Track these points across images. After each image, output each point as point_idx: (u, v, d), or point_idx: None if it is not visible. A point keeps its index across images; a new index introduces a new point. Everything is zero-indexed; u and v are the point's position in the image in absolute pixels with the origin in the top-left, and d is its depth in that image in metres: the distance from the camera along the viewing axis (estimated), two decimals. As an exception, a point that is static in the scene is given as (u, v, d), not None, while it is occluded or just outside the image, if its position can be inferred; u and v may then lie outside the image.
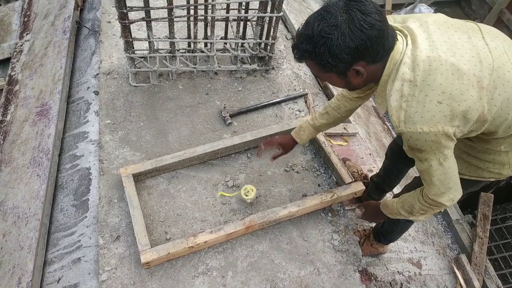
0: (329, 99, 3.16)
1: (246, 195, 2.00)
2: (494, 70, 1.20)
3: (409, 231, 2.68)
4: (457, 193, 1.36)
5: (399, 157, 2.07)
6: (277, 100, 2.50)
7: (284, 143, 1.93)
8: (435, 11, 5.16)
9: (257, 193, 2.02)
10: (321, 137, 2.27)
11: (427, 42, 1.21)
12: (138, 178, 2.04)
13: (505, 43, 1.27)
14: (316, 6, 4.15)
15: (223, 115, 2.33)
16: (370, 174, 2.48)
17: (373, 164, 2.70)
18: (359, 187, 2.11)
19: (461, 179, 1.51)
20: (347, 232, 2.03)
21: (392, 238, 2.14)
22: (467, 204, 3.13)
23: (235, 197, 2.03)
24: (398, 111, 1.21)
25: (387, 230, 2.12)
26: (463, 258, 2.53)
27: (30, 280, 1.82)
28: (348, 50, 1.14)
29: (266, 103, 2.44)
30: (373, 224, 2.26)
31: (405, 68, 1.19)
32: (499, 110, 1.22)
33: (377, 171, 2.33)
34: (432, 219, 2.83)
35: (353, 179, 2.18)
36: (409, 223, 1.99)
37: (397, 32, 1.26)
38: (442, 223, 2.82)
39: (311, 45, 1.18)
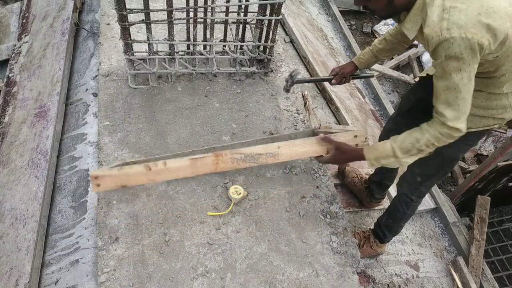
0: (327, 102, 3.18)
1: (233, 194, 2.03)
2: None
3: (407, 234, 2.70)
4: (466, 121, 1.45)
5: None
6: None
7: (345, 68, 2.08)
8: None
9: (244, 195, 2.05)
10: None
11: None
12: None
13: None
14: (314, 10, 4.18)
15: (293, 79, 2.13)
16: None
17: (370, 168, 2.71)
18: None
19: (468, 133, 1.62)
20: (346, 234, 2.04)
21: (398, 228, 2.19)
22: (464, 207, 3.15)
23: (234, 199, 2.03)
24: (440, 22, 1.32)
25: (387, 224, 2.13)
26: (460, 260, 2.55)
27: (28, 282, 1.81)
28: None
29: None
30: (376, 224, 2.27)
31: None
32: None
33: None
34: (430, 222, 2.85)
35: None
36: (416, 205, 2.06)
37: None
38: (439, 226, 2.84)
39: None
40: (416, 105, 1.94)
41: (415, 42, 4.80)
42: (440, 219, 2.85)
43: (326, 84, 3.14)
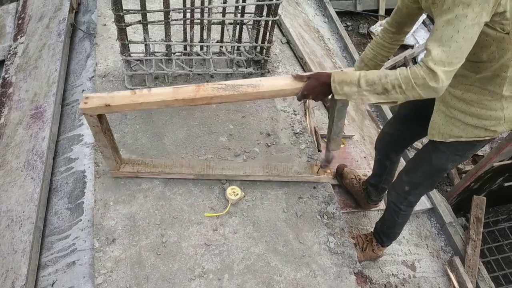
0: (323, 103, 3.18)
1: (230, 195, 2.03)
2: None
3: (403, 234, 2.71)
4: (450, 78, 1.29)
5: (389, 147, 2.09)
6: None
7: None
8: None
9: (241, 196, 2.06)
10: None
11: None
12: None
13: None
14: (310, 11, 4.19)
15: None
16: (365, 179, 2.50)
17: (367, 169, 2.72)
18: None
19: (458, 142, 1.59)
20: (343, 235, 2.04)
21: (395, 234, 2.18)
22: (460, 207, 3.16)
23: (231, 200, 2.03)
24: None
25: (382, 230, 2.14)
26: (457, 260, 2.56)
27: (24, 284, 1.80)
28: None
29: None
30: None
31: None
32: None
33: (371, 173, 2.36)
34: (426, 222, 2.86)
35: None
36: (406, 214, 2.03)
37: None
38: (435, 226, 2.85)
39: None
40: (413, 111, 1.91)
41: (410, 42, 4.82)
42: (436, 219, 2.86)
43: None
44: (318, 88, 1.59)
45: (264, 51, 2.57)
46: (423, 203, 2.84)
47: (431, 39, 1.28)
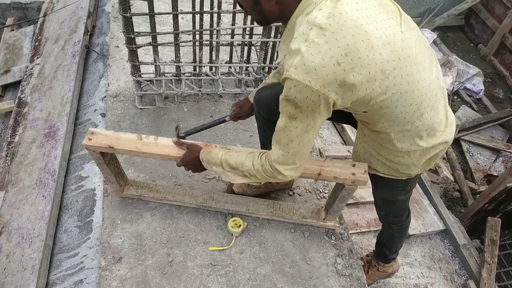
0: (333, 122, 3.18)
1: (232, 227, 1.98)
2: (398, 59, 1.13)
3: (415, 256, 2.65)
4: (298, 171, 1.35)
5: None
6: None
7: (242, 106, 1.88)
8: (438, 36, 5.23)
9: (244, 226, 2.00)
10: None
11: (351, 1, 1.12)
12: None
13: (417, 38, 1.22)
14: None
15: (180, 135, 1.90)
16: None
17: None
18: None
19: (380, 176, 1.52)
20: (351, 256, 2.01)
21: (396, 247, 2.08)
22: (475, 229, 3.09)
23: (235, 232, 2.01)
24: (295, 54, 1.09)
25: (388, 240, 2.02)
26: (471, 284, 2.49)
27: (32, 302, 1.81)
28: None
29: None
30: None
31: (320, 14, 1.08)
32: (388, 101, 1.17)
33: None
34: (439, 244, 2.80)
35: None
36: (400, 228, 1.93)
37: None
38: (449, 248, 2.78)
39: None
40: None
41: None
42: (450, 241, 2.79)
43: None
44: (192, 162, 1.59)
45: (272, 71, 2.60)
46: (435, 224, 2.78)
47: (274, 137, 1.29)
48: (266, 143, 1.91)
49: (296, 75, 1.08)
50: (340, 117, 1.37)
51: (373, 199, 2.48)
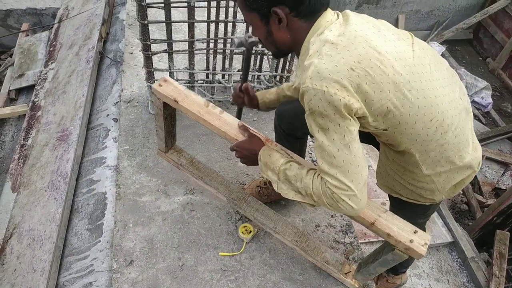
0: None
1: (243, 233, 1.98)
2: (412, 73, 1.14)
3: (423, 268, 2.64)
4: (358, 203, 1.17)
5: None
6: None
7: (252, 98, 1.81)
8: (447, 49, 5.26)
9: (254, 232, 2.00)
10: None
11: (360, 21, 1.18)
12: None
13: (432, 57, 1.23)
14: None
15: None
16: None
17: (386, 197, 2.69)
18: None
19: (402, 200, 1.47)
20: (361, 265, 2.00)
21: (407, 263, 2.06)
22: (483, 241, 3.07)
23: (245, 238, 2.01)
24: (308, 67, 1.10)
25: None
26: (480, 297, 2.47)
27: (42, 303, 1.82)
28: None
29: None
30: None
31: (331, 33, 1.13)
32: (406, 115, 1.15)
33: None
34: (447, 256, 2.78)
35: None
36: None
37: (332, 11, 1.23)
38: (457, 261, 2.77)
39: None
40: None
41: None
42: (458, 253, 2.78)
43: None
44: (248, 154, 1.49)
45: (284, 80, 2.63)
46: (443, 236, 2.77)
47: (317, 161, 1.19)
48: None
49: (313, 84, 1.09)
50: (363, 137, 1.29)
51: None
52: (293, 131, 1.80)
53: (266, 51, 2.61)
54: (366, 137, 1.38)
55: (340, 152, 1.13)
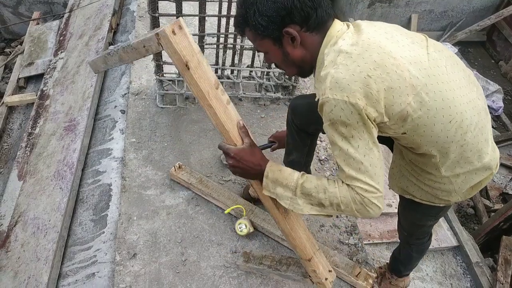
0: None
1: (240, 229, 1.97)
2: (428, 76, 1.14)
3: (427, 271, 2.61)
4: (382, 201, 1.17)
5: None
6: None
7: (280, 138, 1.99)
8: (459, 51, 5.19)
9: (249, 231, 1.96)
10: None
11: (372, 29, 1.19)
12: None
13: (448, 59, 1.23)
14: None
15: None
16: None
17: (392, 199, 2.67)
18: None
19: (415, 202, 1.46)
20: (365, 267, 1.99)
21: (412, 265, 2.05)
22: (488, 247, 3.04)
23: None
24: (325, 78, 1.11)
25: (400, 261, 2.02)
26: (483, 303, 2.45)
27: (45, 292, 1.83)
28: (274, 7, 1.14)
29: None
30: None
31: (344, 42, 1.15)
32: (424, 118, 1.15)
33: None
34: (451, 260, 2.76)
35: None
36: (419, 248, 1.89)
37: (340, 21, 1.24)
38: (461, 265, 2.74)
39: (244, 9, 1.19)
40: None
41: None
42: (462, 258, 2.75)
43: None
44: (247, 166, 1.31)
45: (293, 77, 2.61)
46: (448, 240, 2.75)
47: (343, 169, 1.16)
48: (291, 151, 1.92)
49: (333, 94, 1.09)
50: (379, 139, 1.25)
51: (387, 211, 2.48)
52: (305, 126, 1.80)
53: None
54: (381, 138, 1.35)
55: (366, 157, 1.13)
